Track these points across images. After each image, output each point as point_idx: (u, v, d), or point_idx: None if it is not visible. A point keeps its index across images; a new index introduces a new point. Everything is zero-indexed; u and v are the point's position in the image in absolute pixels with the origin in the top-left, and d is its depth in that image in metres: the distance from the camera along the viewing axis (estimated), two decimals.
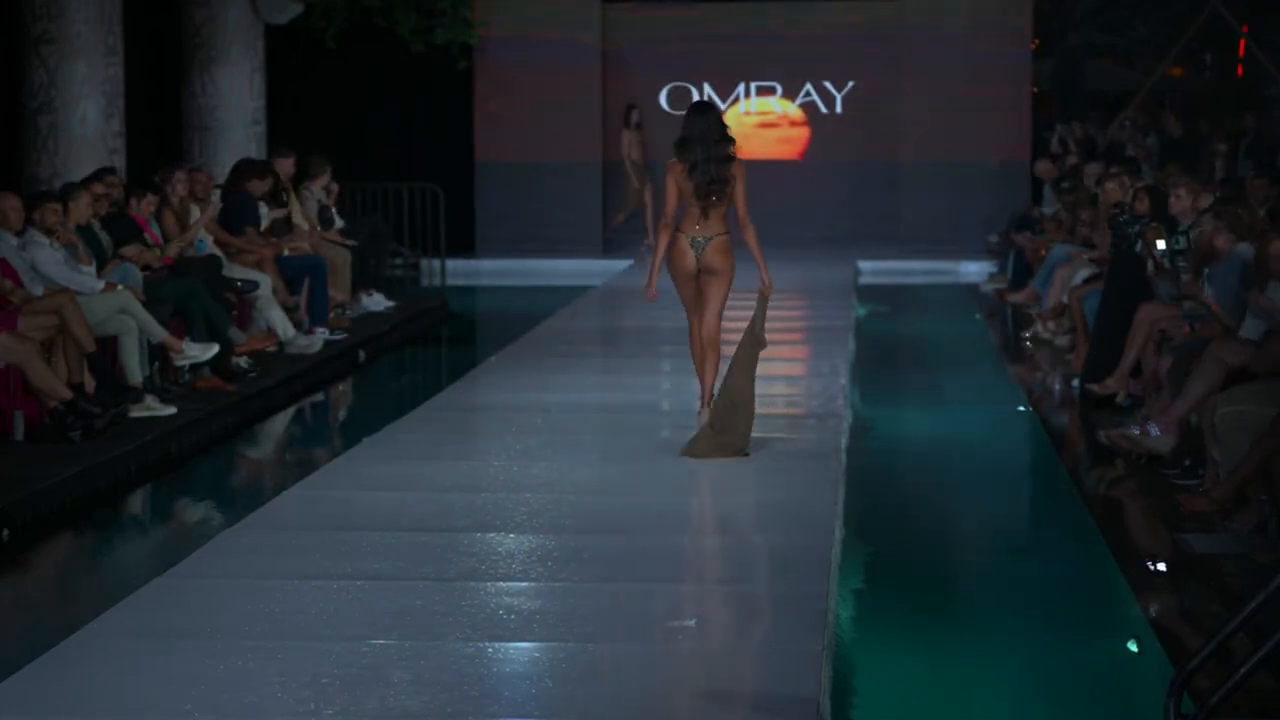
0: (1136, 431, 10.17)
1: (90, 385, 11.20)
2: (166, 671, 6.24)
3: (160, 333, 12.10)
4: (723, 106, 23.52)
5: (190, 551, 8.04)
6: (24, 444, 10.73)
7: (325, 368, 14.52)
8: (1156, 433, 10.01)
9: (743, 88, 24.45)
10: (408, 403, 12.58)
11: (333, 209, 17.34)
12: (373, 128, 23.61)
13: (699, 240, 9.96)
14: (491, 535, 8.25)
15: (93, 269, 12.19)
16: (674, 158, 9.97)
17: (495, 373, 13.60)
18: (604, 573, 7.56)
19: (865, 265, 22.35)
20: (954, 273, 22.43)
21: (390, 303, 17.72)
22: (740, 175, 9.91)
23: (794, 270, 19.98)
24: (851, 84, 24.33)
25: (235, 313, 13.85)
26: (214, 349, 12.52)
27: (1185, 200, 12.16)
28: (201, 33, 19.34)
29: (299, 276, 15.31)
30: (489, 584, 7.41)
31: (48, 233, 11.83)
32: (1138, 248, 12.03)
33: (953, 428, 12.51)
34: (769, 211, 20.30)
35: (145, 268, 12.95)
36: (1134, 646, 7.53)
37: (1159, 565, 8.54)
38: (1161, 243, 11.70)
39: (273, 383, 13.34)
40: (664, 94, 24.09)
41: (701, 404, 10.17)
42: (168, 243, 13.76)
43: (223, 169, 17.56)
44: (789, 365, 13.83)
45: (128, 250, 12.93)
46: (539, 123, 23.84)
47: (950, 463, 11.38)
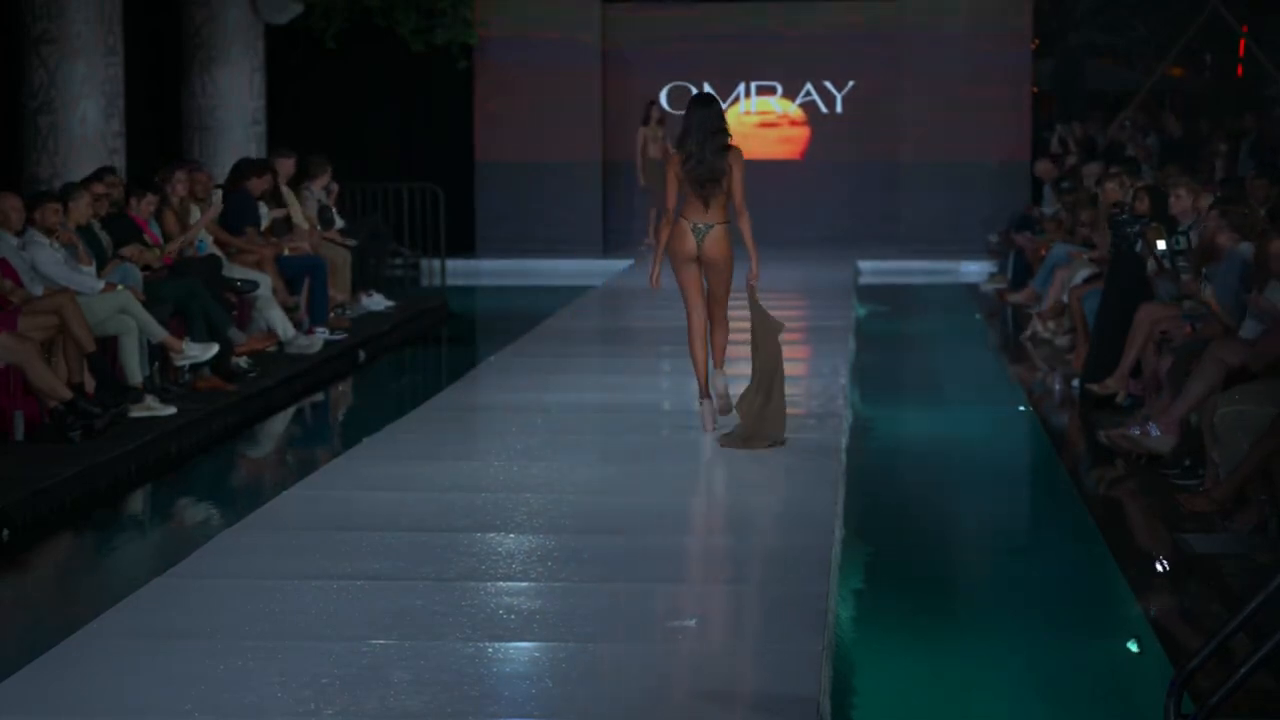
0: (1136, 431, 10.16)
1: (90, 385, 11.19)
2: (166, 671, 6.23)
3: (160, 333, 12.10)
4: (723, 106, 23.47)
5: (190, 551, 8.03)
6: (24, 444, 10.73)
7: (325, 368, 14.51)
8: (1156, 433, 10.00)
9: (743, 87, 24.46)
10: (408, 403, 12.57)
11: (333, 209, 17.34)
12: (373, 128, 23.61)
13: (700, 227, 10.13)
14: (491, 535, 8.24)
15: (93, 269, 12.19)
16: (674, 150, 10.21)
17: (495, 373, 13.59)
18: (604, 573, 7.55)
19: (865, 265, 22.35)
20: (954, 273, 22.43)
21: (390, 303, 17.72)
22: (738, 165, 10.06)
23: (794, 270, 20.00)
24: (852, 84, 24.34)
25: (235, 313, 13.84)
26: (214, 349, 12.52)
27: (1185, 200, 12.17)
28: (201, 33, 19.35)
29: (299, 276, 15.31)
30: (489, 584, 7.40)
31: (48, 233, 11.82)
32: (1138, 248, 12.02)
33: (953, 428, 12.51)
34: (769, 211, 20.35)
35: (145, 268, 12.95)
36: (1134, 646, 7.53)
37: (1159, 565, 8.54)
38: (1162, 243, 11.70)
39: (273, 383, 13.34)
40: (664, 94, 24.09)
41: (701, 397, 10.35)
42: (168, 242, 13.76)
43: (223, 169, 17.57)
44: (789, 365, 13.64)
45: (128, 250, 12.93)
46: (539, 123, 23.84)
47: (950, 463, 11.37)
